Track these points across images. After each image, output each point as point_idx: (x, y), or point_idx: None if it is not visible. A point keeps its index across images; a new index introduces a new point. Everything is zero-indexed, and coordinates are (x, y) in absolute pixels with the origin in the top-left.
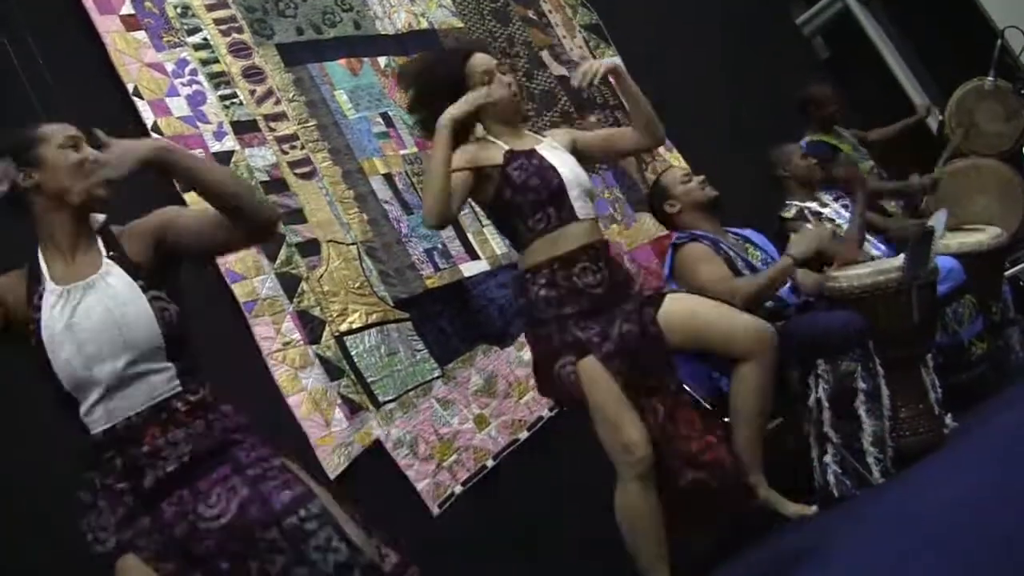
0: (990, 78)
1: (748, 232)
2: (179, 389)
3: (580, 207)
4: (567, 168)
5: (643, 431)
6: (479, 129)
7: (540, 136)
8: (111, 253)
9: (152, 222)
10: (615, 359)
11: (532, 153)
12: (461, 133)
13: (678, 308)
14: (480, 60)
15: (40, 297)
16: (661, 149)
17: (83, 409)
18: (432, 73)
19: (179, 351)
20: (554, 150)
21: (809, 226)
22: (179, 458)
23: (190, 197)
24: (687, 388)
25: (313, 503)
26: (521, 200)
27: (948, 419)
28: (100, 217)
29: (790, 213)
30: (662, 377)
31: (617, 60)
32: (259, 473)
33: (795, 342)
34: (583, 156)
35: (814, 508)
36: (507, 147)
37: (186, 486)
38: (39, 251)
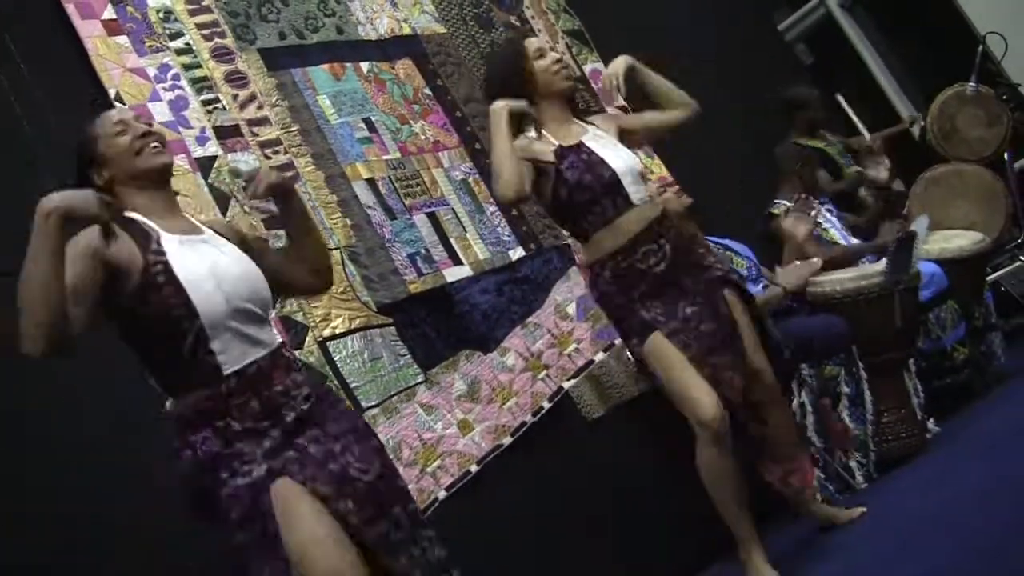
0: (972, 84)
1: (729, 241)
2: (280, 341)
3: (634, 192)
4: (617, 157)
5: (712, 395)
6: (530, 132)
7: (585, 125)
8: (201, 221)
9: (242, 229)
10: (680, 335)
11: (580, 147)
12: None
13: (733, 308)
14: (533, 41)
15: (159, 242)
16: (643, 156)
17: (216, 346)
18: (497, 74)
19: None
20: (600, 139)
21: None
22: (306, 399)
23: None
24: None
25: (413, 504)
26: (578, 198)
27: (931, 424)
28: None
29: (779, 211)
30: (738, 357)
31: (625, 58)
32: (379, 446)
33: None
34: (631, 139)
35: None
36: (556, 143)
37: (318, 426)
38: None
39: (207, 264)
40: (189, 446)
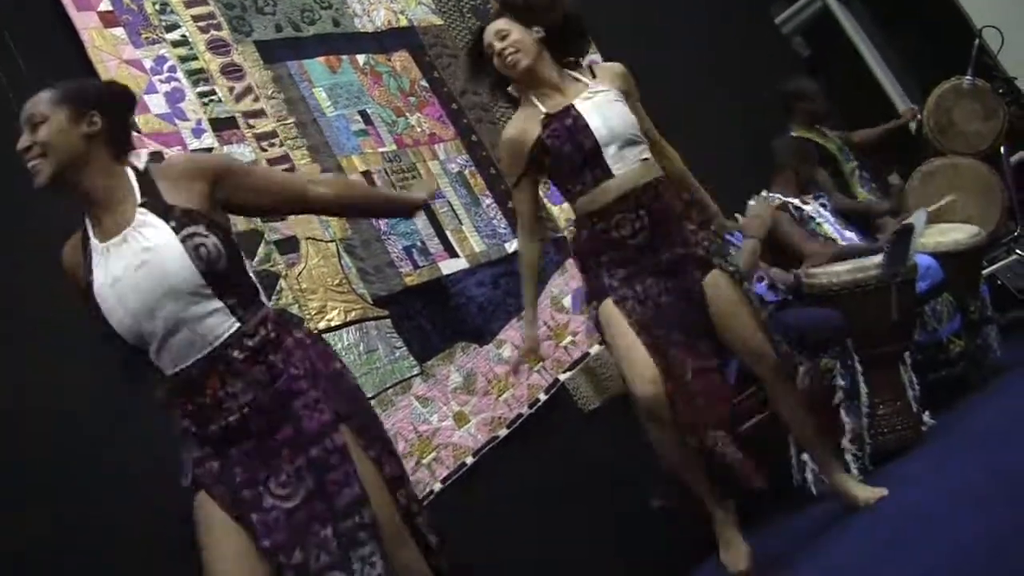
0: (968, 77)
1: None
2: (237, 326)
3: (615, 161)
4: (602, 123)
5: (650, 370)
6: (524, 100)
7: (587, 80)
8: (144, 200)
9: (207, 167)
10: (630, 302)
11: (568, 112)
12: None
13: (722, 292)
14: (486, 34)
15: (90, 259)
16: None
17: (152, 356)
18: (467, 54)
19: (226, 285)
20: (594, 98)
21: (752, 203)
22: (240, 408)
23: None
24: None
25: (367, 511)
26: (560, 165)
27: (926, 417)
28: (142, 159)
29: (773, 204)
30: (695, 340)
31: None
32: (322, 458)
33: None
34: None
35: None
36: (544, 111)
37: (251, 438)
38: (85, 212)
39: (111, 278)
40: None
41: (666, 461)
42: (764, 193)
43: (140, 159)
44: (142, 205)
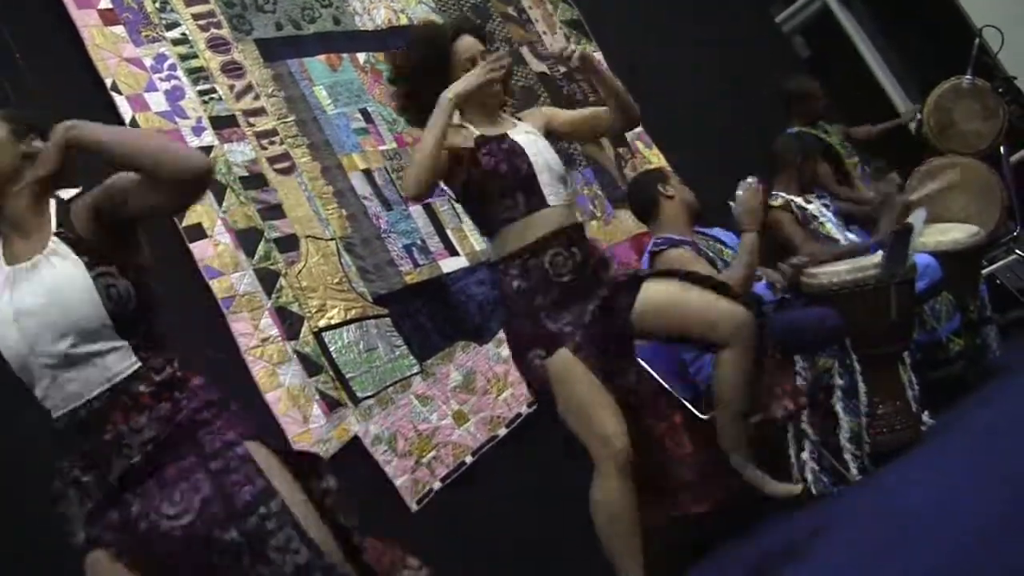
0: (968, 77)
1: (717, 231)
2: (138, 366)
3: (550, 192)
4: (538, 153)
5: (621, 422)
6: (455, 116)
7: (515, 120)
8: (59, 230)
9: (95, 192)
10: (586, 348)
11: (503, 138)
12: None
13: (658, 296)
14: (466, 45)
15: None
16: (640, 146)
17: (38, 393)
18: (418, 53)
19: (132, 328)
20: (527, 134)
21: (739, 193)
22: (143, 446)
23: None
24: (669, 390)
25: (274, 501)
26: (490, 186)
27: (925, 416)
28: (69, 192)
29: (777, 203)
30: (624, 363)
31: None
32: (222, 466)
33: (773, 339)
34: (559, 135)
35: (800, 486)
36: (478, 132)
37: (152, 476)
38: None
39: (14, 304)
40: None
41: (617, 526)
42: (749, 179)
43: (69, 193)
44: (56, 234)
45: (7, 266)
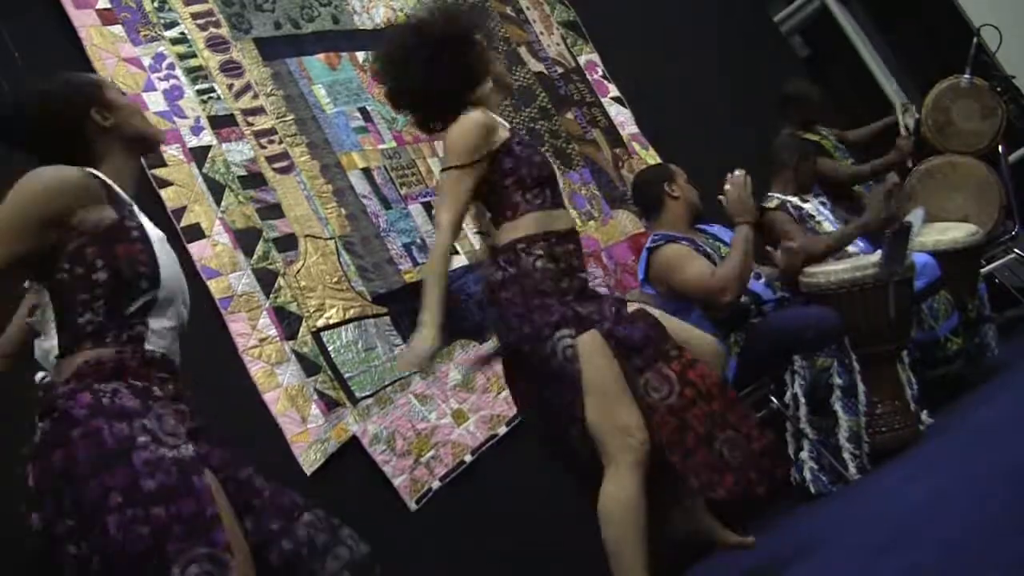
0: (966, 76)
1: (716, 228)
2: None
3: (561, 197)
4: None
5: (640, 416)
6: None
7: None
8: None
9: None
10: (613, 339)
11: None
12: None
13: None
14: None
15: (132, 211)
16: (637, 147)
17: (154, 325)
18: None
19: None
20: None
21: (727, 187)
22: (193, 416)
23: (166, 193)
24: None
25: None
26: (524, 172)
27: (924, 415)
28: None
29: (772, 204)
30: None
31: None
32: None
33: (771, 338)
34: None
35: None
36: (508, 125)
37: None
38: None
39: (157, 235)
40: (91, 391)
41: (628, 527)
42: (737, 172)
43: None
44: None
45: (128, 200)
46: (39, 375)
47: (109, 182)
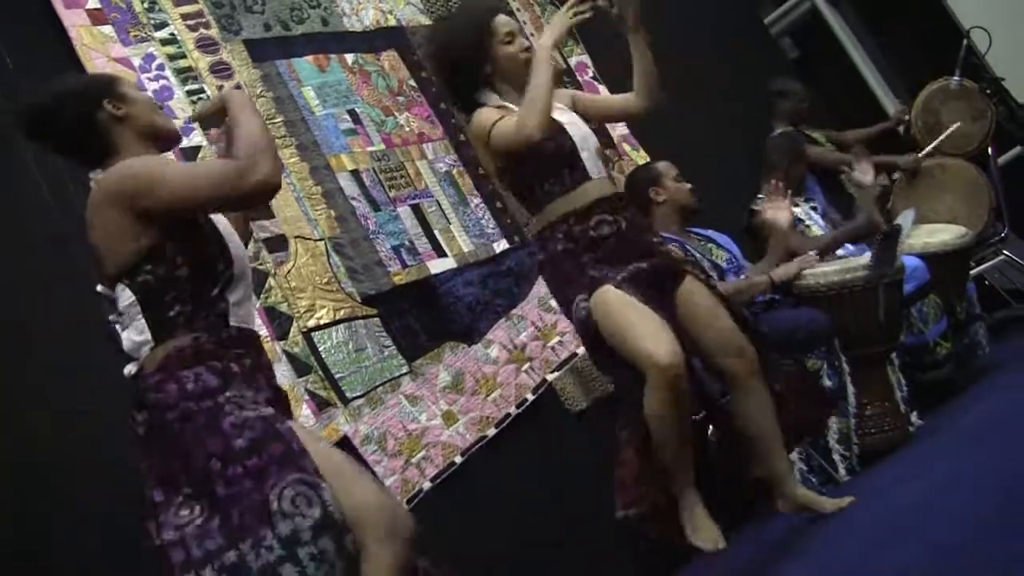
0: (956, 78)
1: (711, 233)
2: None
3: (591, 166)
4: (576, 128)
5: (670, 339)
6: (493, 98)
7: None
8: None
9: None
10: (630, 284)
11: None
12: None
13: (697, 299)
14: (503, 21)
15: None
16: (627, 148)
17: (232, 297)
18: (460, 32)
19: None
20: (561, 111)
21: (779, 212)
22: (270, 383)
23: None
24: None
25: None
26: (537, 163)
27: (914, 417)
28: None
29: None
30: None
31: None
32: None
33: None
34: (581, 115)
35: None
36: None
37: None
38: None
39: (232, 229)
40: (175, 379)
41: (664, 432)
42: (811, 255)
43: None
44: None
45: None
46: (127, 368)
47: None
